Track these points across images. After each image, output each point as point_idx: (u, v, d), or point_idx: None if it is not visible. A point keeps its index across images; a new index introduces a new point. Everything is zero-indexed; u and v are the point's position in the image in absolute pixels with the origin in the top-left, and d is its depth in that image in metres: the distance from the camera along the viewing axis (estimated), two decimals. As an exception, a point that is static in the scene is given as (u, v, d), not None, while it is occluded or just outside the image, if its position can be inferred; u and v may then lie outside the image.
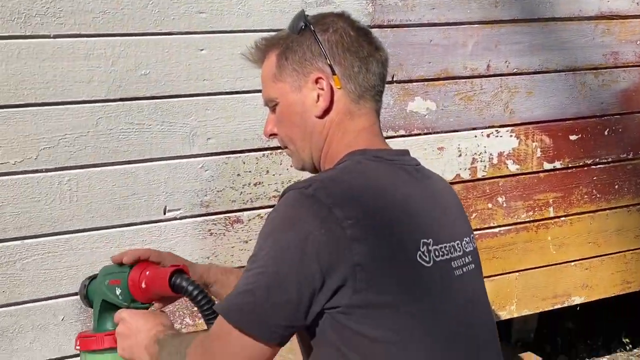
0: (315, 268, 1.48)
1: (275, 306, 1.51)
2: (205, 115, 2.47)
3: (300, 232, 1.49)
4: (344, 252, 1.48)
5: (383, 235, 1.53)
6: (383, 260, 1.51)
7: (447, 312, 1.58)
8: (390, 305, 1.51)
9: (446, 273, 1.60)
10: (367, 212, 1.53)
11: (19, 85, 2.21)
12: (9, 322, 2.32)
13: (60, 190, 2.31)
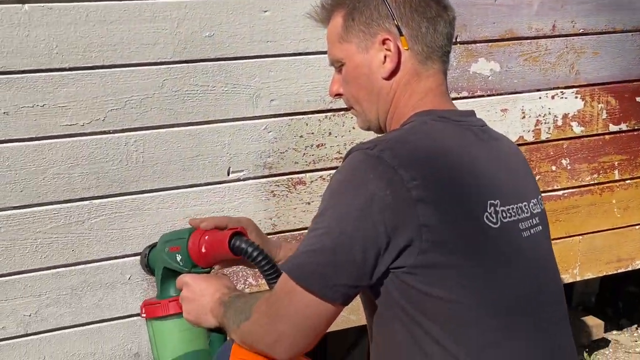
0: (380, 229, 1.49)
1: (340, 266, 1.52)
2: (268, 76, 2.48)
3: (365, 193, 1.50)
4: (410, 213, 1.48)
5: (449, 197, 1.52)
6: (449, 221, 1.50)
7: (514, 273, 1.57)
8: (455, 265, 1.51)
9: (514, 234, 1.59)
10: (432, 173, 1.53)
11: (87, 48, 2.23)
12: (79, 280, 2.37)
13: (127, 151, 2.34)
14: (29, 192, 2.26)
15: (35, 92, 2.21)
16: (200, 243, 1.85)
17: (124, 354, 2.47)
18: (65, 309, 2.37)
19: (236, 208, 2.51)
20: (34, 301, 2.33)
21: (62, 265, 2.35)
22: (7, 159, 2.21)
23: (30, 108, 2.21)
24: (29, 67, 2.19)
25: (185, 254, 1.87)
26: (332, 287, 1.53)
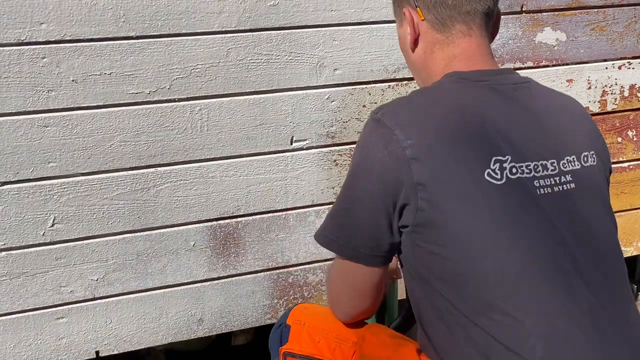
0: (382, 189, 1.55)
1: (354, 228, 1.61)
2: (332, 46, 2.47)
3: (368, 156, 1.58)
4: (405, 171, 1.52)
5: (445, 154, 1.53)
6: (443, 180, 1.52)
7: (520, 230, 1.53)
8: (454, 222, 1.51)
9: (524, 190, 1.55)
10: (429, 132, 1.55)
11: (154, 17, 2.25)
12: (144, 247, 2.41)
13: (192, 119, 2.37)
14: (97, 159, 2.30)
15: (103, 61, 2.24)
16: None
17: (188, 320, 2.51)
18: (131, 274, 2.41)
19: (298, 177, 2.53)
20: (101, 266, 2.38)
21: (128, 231, 2.39)
22: (75, 126, 2.25)
23: (98, 76, 2.24)
24: (96, 35, 2.22)
25: None
26: (352, 248, 1.62)
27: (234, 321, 2.57)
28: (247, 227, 2.52)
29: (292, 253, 2.59)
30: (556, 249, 1.54)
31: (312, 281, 2.64)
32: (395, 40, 2.49)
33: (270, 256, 2.57)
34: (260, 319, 2.60)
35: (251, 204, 2.50)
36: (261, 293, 2.59)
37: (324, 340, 1.77)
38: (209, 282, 2.52)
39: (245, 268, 2.54)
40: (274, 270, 2.58)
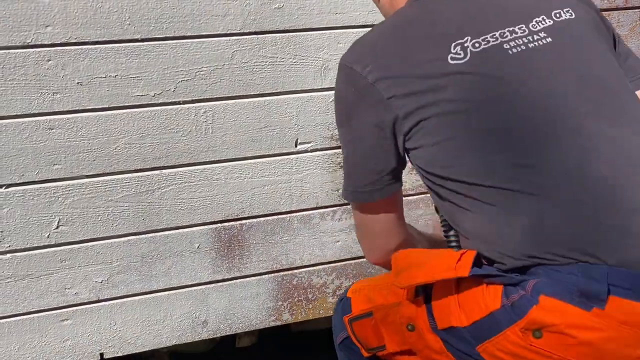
0: (370, 118, 1.63)
1: (359, 169, 1.72)
2: (337, 48, 2.47)
3: (343, 100, 1.70)
4: (375, 96, 1.61)
5: (403, 63, 1.61)
6: (409, 84, 1.59)
7: (506, 94, 1.57)
8: (432, 115, 1.58)
9: (495, 55, 1.59)
10: (383, 51, 1.65)
11: (159, 19, 2.26)
12: (149, 249, 2.42)
13: (197, 121, 2.37)
14: (101, 161, 2.30)
15: (108, 63, 2.24)
16: None
17: (193, 322, 2.51)
18: (136, 276, 2.42)
19: (303, 179, 2.53)
20: (105, 268, 2.38)
21: (133, 233, 2.39)
22: (80, 129, 2.26)
23: (103, 79, 2.24)
24: (101, 38, 2.22)
25: None
26: (363, 191, 1.72)
27: (238, 323, 2.57)
28: (251, 230, 2.52)
29: (296, 255, 2.59)
30: (551, 98, 1.58)
31: (317, 283, 2.64)
32: (400, 43, 2.50)
33: (275, 258, 2.57)
34: (265, 321, 2.60)
35: (255, 206, 2.50)
36: (265, 295, 2.59)
37: (377, 293, 1.80)
38: (214, 284, 2.52)
39: (249, 270, 2.55)
40: (278, 273, 2.59)
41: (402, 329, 1.70)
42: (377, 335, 1.76)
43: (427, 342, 1.65)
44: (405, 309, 1.68)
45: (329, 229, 2.61)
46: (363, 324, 1.79)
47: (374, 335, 1.77)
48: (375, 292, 1.81)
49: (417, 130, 1.60)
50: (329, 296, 2.66)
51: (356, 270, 2.67)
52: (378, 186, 1.71)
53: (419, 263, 1.63)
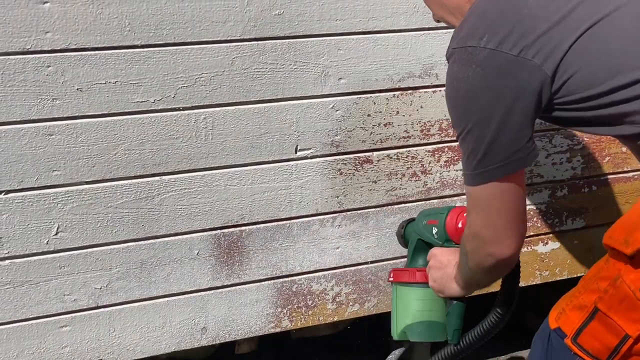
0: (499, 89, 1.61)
1: (500, 146, 1.65)
2: (337, 55, 2.47)
3: (465, 83, 1.66)
4: (502, 56, 1.59)
5: (515, 17, 1.61)
6: (532, 29, 1.60)
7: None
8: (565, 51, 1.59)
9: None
10: (493, 15, 1.64)
11: (159, 25, 2.25)
12: (148, 255, 2.41)
13: (197, 128, 2.37)
14: (101, 167, 2.29)
15: (108, 69, 2.24)
16: (458, 219, 2.00)
17: (192, 328, 2.50)
18: (135, 282, 2.41)
19: (303, 186, 2.52)
20: (104, 274, 2.37)
21: (132, 239, 2.39)
22: (79, 135, 2.25)
23: (103, 85, 2.24)
24: (101, 44, 2.22)
25: (442, 228, 2.03)
26: (510, 162, 1.66)
27: (237, 330, 2.57)
28: (251, 236, 2.51)
29: (296, 262, 2.59)
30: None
31: (316, 290, 2.63)
32: (399, 50, 2.51)
33: (274, 265, 2.56)
34: (264, 327, 2.60)
35: (255, 212, 2.50)
36: (265, 302, 2.58)
37: (585, 294, 1.69)
38: (213, 291, 2.52)
39: (249, 277, 2.54)
40: (277, 279, 2.58)
41: (636, 302, 1.57)
42: (612, 329, 1.61)
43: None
44: (630, 274, 1.57)
45: (329, 235, 2.60)
46: (590, 331, 1.65)
47: (610, 331, 1.61)
48: (581, 295, 1.69)
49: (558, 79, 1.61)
50: (328, 303, 2.65)
51: (356, 276, 2.67)
52: (523, 153, 1.66)
53: (635, 223, 1.57)
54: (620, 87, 1.57)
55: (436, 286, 2.02)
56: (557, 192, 2.86)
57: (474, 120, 1.64)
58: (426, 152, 2.65)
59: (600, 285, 1.63)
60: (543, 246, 2.90)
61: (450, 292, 2.00)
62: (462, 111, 1.67)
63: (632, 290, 1.56)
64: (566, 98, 1.63)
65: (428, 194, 2.68)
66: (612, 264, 1.61)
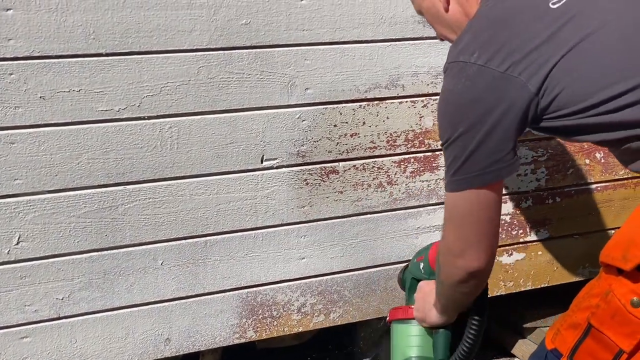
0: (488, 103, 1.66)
1: (482, 155, 1.69)
2: (304, 65, 2.46)
3: (454, 96, 1.72)
4: (487, 75, 1.64)
5: (504, 36, 1.67)
6: (520, 47, 1.64)
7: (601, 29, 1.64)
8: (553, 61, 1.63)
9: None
10: (485, 37, 1.69)
11: (124, 34, 2.23)
12: (111, 265, 2.38)
13: (162, 137, 2.35)
14: (64, 176, 2.27)
15: (72, 77, 2.21)
16: (437, 251, 1.97)
17: (155, 339, 2.48)
18: (98, 293, 2.38)
19: (268, 196, 2.51)
20: (66, 285, 2.34)
21: (95, 249, 2.36)
22: (42, 143, 2.22)
23: (66, 93, 2.21)
24: (65, 52, 2.19)
25: (426, 261, 2.08)
26: (490, 171, 1.71)
27: (201, 341, 2.55)
28: (216, 246, 2.50)
29: (261, 272, 2.57)
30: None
31: (281, 300, 2.62)
32: (366, 60, 2.51)
33: (239, 275, 2.55)
34: (229, 338, 2.58)
35: (220, 222, 2.48)
36: (229, 312, 2.57)
37: (577, 312, 1.69)
38: (177, 301, 2.50)
39: (213, 287, 2.52)
40: (242, 290, 2.57)
41: (627, 315, 1.56)
42: (606, 345, 1.61)
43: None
44: (620, 289, 1.57)
45: (294, 245, 2.59)
46: (585, 349, 1.64)
47: (604, 347, 1.61)
48: (574, 314, 1.69)
49: (545, 92, 1.64)
50: (293, 313, 2.64)
51: (321, 287, 2.66)
52: (503, 164, 1.70)
53: (631, 240, 1.57)
54: (608, 100, 1.62)
55: (419, 316, 2.05)
56: (521, 204, 2.88)
57: (460, 130, 1.69)
58: (392, 163, 2.65)
59: (592, 302, 1.64)
60: (507, 257, 2.92)
61: (431, 319, 2.02)
62: (449, 120, 1.72)
63: (623, 303, 1.57)
64: (556, 113, 1.67)
65: (394, 205, 2.68)
66: (603, 280, 1.63)
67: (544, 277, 3.01)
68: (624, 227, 1.63)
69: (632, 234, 1.58)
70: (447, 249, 1.81)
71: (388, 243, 2.71)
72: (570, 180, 2.94)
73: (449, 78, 1.72)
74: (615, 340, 1.59)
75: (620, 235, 1.62)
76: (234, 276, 2.54)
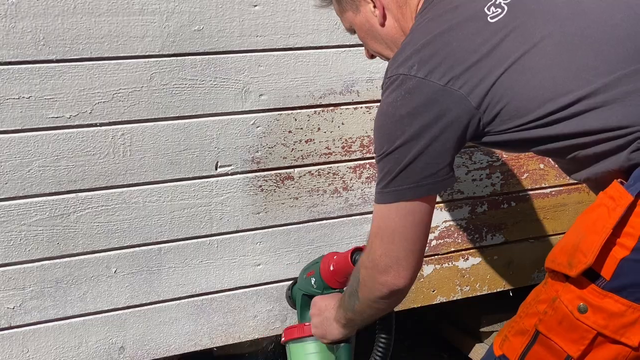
0: (428, 117, 1.65)
1: (422, 167, 1.69)
2: (257, 71, 2.46)
3: (394, 108, 1.70)
4: (430, 85, 1.64)
5: (444, 49, 1.66)
6: (460, 61, 1.65)
7: (550, 35, 1.65)
8: (493, 77, 1.63)
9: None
10: (424, 47, 1.68)
11: (75, 40, 2.21)
12: (63, 273, 2.36)
13: (114, 144, 2.33)
14: (14, 184, 2.24)
15: (21, 84, 2.18)
16: (329, 263, 1.99)
17: (109, 348, 2.46)
18: (50, 302, 2.36)
19: (223, 202, 2.50)
20: (17, 294, 2.31)
21: (47, 258, 2.33)
22: (-8, 151, 2.20)
23: (16, 100, 2.19)
24: (14, 58, 2.16)
25: (318, 276, 2.06)
26: (426, 184, 1.71)
27: (156, 349, 2.53)
28: (170, 253, 2.48)
29: (216, 279, 2.56)
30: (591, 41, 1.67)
31: (237, 307, 2.61)
32: (321, 66, 2.51)
33: (194, 282, 2.53)
34: (183, 346, 2.56)
35: (175, 229, 2.47)
36: (184, 320, 2.55)
37: (525, 318, 1.70)
38: (131, 309, 2.48)
39: (168, 294, 2.51)
40: (197, 297, 2.55)
41: (574, 321, 1.59)
42: (554, 351, 1.63)
43: (607, 310, 1.55)
44: (567, 295, 1.59)
45: (249, 252, 2.58)
46: (534, 355, 1.65)
47: (552, 353, 1.63)
48: (522, 320, 1.70)
49: (488, 103, 1.64)
50: (249, 320, 2.63)
51: (277, 293, 2.65)
52: (438, 178, 1.70)
53: (575, 246, 1.58)
54: (552, 112, 1.62)
55: (318, 332, 2.02)
56: (477, 208, 2.90)
57: (397, 144, 1.67)
58: (347, 169, 2.65)
59: (540, 308, 1.65)
60: (464, 262, 2.93)
61: (332, 335, 1.99)
62: (386, 133, 1.70)
63: (570, 310, 1.59)
64: (499, 127, 1.67)
65: (350, 210, 2.69)
66: (550, 286, 1.64)
67: (500, 282, 3.03)
68: (569, 234, 1.65)
69: (576, 240, 1.59)
70: (372, 263, 1.78)
71: (344, 249, 2.70)
72: (525, 184, 2.96)
73: (388, 92, 1.70)
74: (563, 346, 1.61)
75: (565, 241, 1.63)
76: (189, 283, 2.53)
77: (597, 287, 1.56)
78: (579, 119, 1.61)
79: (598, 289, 1.56)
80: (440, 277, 2.90)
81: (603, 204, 1.57)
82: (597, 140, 1.62)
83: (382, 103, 1.72)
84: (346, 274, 2.01)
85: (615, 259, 1.54)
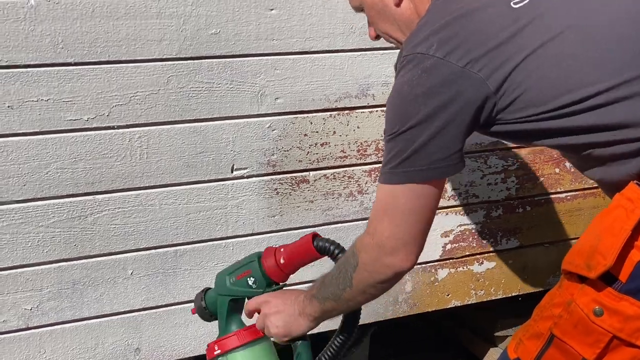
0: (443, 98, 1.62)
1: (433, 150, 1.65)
2: (274, 75, 2.47)
3: (409, 87, 1.66)
4: (448, 65, 1.61)
5: (464, 31, 1.64)
6: (480, 44, 1.62)
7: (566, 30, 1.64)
8: (516, 63, 1.61)
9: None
10: (444, 29, 1.64)
11: (93, 43, 2.23)
12: (80, 275, 2.37)
13: (131, 147, 2.34)
14: (32, 186, 2.26)
15: (40, 87, 2.20)
16: (278, 256, 1.90)
17: (125, 350, 2.47)
18: (67, 303, 2.37)
19: (239, 205, 2.51)
20: (35, 295, 2.33)
21: (64, 259, 2.35)
22: (10, 153, 2.21)
23: (35, 102, 2.21)
24: (33, 61, 2.18)
25: (259, 274, 1.92)
26: (435, 167, 1.66)
27: (171, 351, 2.54)
28: (185, 256, 2.49)
29: (231, 282, 2.57)
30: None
31: (252, 310, 2.61)
32: (336, 70, 2.52)
33: (210, 284, 2.54)
34: (198, 348, 2.57)
35: (190, 232, 2.48)
36: (200, 322, 2.53)
37: (540, 322, 1.69)
38: (147, 311, 2.49)
39: (183, 297, 2.52)
40: (213, 299, 2.56)
41: (590, 324, 1.58)
42: (569, 355, 1.62)
43: (623, 313, 1.55)
44: (583, 298, 1.59)
45: (265, 255, 2.59)
46: (548, 358, 1.65)
47: (567, 357, 1.62)
48: (536, 323, 1.69)
49: (506, 90, 1.63)
50: (264, 323, 2.64)
51: (292, 296, 2.66)
52: (450, 162, 1.66)
53: (593, 248, 1.57)
54: (570, 104, 1.61)
55: (280, 331, 1.89)
56: (492, 213, 2.90)
57: (410, 124, 1.63)
58: (363, 172, 2.66)
59: (554, 312, 1.64)
60: (478, 266, 2.93)
61: (299, 330, 1.88)
62: (399, 112, 1.66)
63: (586, 313, 1.59)
64: (512, 115, 1.64)
65: (365, 214, 2.69)
66: (565, 289, 1.64)
67: (515, 286, 3.03)
68: (585, 235, 1.64)
69: (594, 242, 1.58)
70: (378, 245, 1.71)
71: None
72: (541, 189, 2.96)
73: (404, 71, 1.66)
74: (578, 349, 1.60)
75: (582, 243, 1.63)
76: (204, 286, 2.53)
77: (613, 289, 1.56)
78: (599, 112, 1.59)
79: (614, 292, 1.56)
80: (455, 281, 2.91)
81: (620, 206, 1.57)
82: (613, 142, 1.61)
83: (397, 82, 1.69)
84: (302, 264, 1.95)
85: (632, 261, 1.54)
